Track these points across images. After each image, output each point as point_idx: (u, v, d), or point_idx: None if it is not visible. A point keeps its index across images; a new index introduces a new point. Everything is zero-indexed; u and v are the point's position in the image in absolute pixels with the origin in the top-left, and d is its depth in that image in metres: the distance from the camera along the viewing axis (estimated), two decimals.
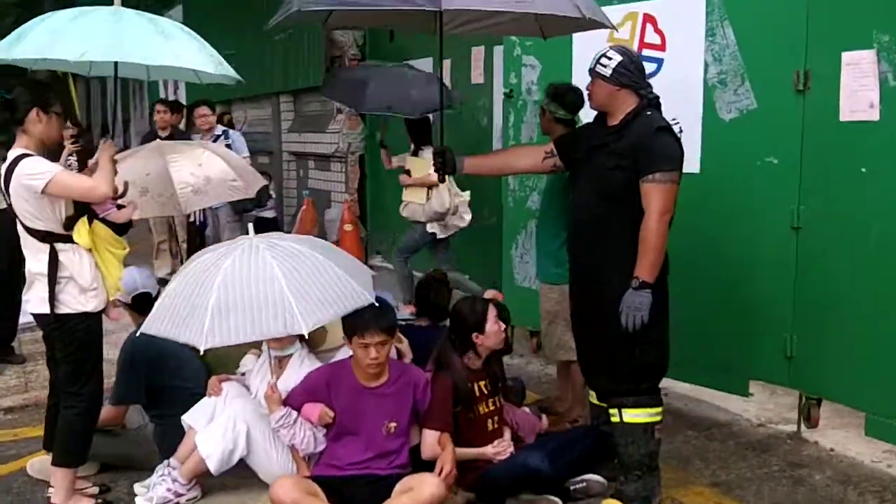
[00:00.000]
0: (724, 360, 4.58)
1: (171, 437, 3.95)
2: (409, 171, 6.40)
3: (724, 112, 4.44)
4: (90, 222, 3.72)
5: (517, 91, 5.49)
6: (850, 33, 3.95)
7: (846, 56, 3.95)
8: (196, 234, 8.31)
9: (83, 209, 3.70)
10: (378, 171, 8.46)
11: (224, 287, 3.39)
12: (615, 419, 3.71)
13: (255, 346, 3.99)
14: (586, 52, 3.99)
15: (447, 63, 7.32)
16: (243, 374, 4.06)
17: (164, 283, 4.43)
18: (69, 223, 3.65)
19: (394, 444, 3.66)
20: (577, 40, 4.91)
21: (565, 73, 4.97)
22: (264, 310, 3.36)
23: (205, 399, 3.89)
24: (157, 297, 3.82)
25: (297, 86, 10.46)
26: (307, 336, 3.53)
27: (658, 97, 3.66)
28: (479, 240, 6.82)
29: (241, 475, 3.84)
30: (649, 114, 3.58)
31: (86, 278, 3.67)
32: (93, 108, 23.98)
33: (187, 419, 3.85)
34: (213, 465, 3.69)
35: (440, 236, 6.44)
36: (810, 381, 4.31)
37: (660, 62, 4.64)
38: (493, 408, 3.95)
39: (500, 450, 3.83)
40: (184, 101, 10.91)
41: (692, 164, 4.32)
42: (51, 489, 3.81)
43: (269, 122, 11.68)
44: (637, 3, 4.73)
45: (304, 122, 10.71)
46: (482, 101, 7.14)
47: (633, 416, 3.66)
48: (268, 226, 8.66)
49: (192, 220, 8.09)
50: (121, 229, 3.91)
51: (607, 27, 3.76)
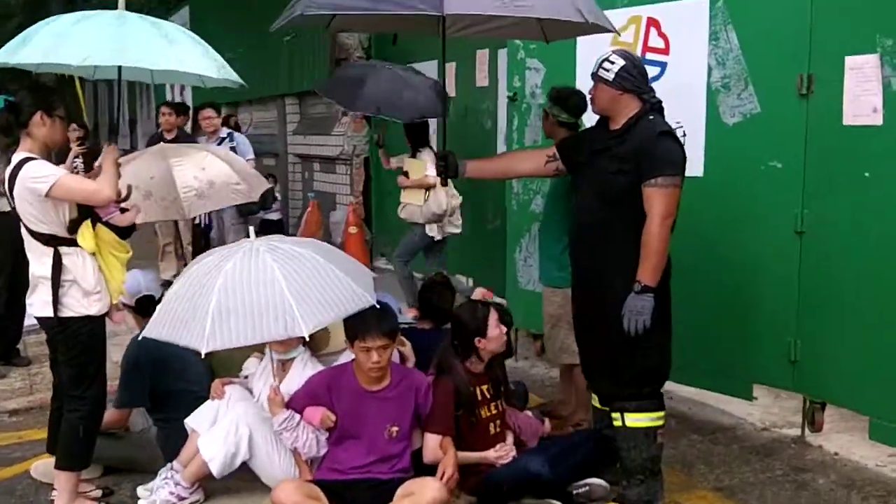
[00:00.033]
0: (727, 364, 4.57)
1: (174, 441, 3.95)
2: (406, 173, 6.41)
3: (727, 116, 4.43)
4: (94, 226, 3.73)
5: (521, 94, 5.48)
6: (853, 38, 3.94)
7: (849, 60, 3.94)
8: (201, 237, 8.34)
9: (87, 213, 3.70)
10: (382, 173, 8.46)
11: (225, 290, 3.40)
12: (617, 423, 3.70)
13: (258, 349, 3.99)
14: (590, 55, 3.99)
15: (451, 66, 7.33)
16: (246, 378, 4.06)
17: (169, 285, 4.43)
18: (73, 226, 3.66)
19: (396, 448, 3.66)
20: (581, 44, 4.91)
21: (569, 77, 4.96)
22: (265, 312, 3.37)
23: (208, 402, 3.89)
24: (160, 300, 3.83)
25: (302, 88, 10.47)
26: (309, 339, 3.53)
27: (661, 101, 3.65)
28: (482, 243, 6.83)
29: (244, 478, 3.85)
30: (652, 118, 3.57)
31: (89, 282, 3.68)
32: (100, 109, 24.10)
33: (190, 422, 3.85)
34: (215, 469, 3.70)
35: (437, 238, 6.44)
36: (814, 385, 4.30)
37: (663, 66, 4.63)
38: (495, 412, 3.95)
39: (502, 454, 3.82)
40: (190, 103, 10.94)
41: (695, 167, 4.31)
42: (54, 492, 3.81)
43: (274, 125, 11.70)
44: (641, 7, 4.73)
45: (310, 124, 10.73)
46: (486, 104, 7.15)
47: (636, 420, 3.66)
48: (273, 228, 8.73)
49: (197, 222, 8.13)
50: (124, 233, 3.92)
51: (610, 31, 3.76)
